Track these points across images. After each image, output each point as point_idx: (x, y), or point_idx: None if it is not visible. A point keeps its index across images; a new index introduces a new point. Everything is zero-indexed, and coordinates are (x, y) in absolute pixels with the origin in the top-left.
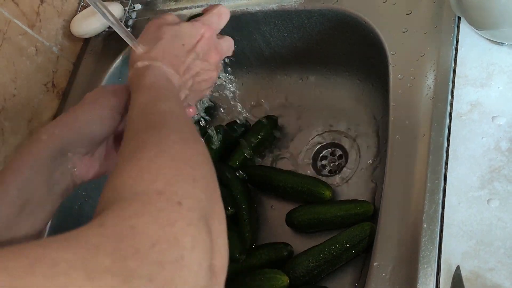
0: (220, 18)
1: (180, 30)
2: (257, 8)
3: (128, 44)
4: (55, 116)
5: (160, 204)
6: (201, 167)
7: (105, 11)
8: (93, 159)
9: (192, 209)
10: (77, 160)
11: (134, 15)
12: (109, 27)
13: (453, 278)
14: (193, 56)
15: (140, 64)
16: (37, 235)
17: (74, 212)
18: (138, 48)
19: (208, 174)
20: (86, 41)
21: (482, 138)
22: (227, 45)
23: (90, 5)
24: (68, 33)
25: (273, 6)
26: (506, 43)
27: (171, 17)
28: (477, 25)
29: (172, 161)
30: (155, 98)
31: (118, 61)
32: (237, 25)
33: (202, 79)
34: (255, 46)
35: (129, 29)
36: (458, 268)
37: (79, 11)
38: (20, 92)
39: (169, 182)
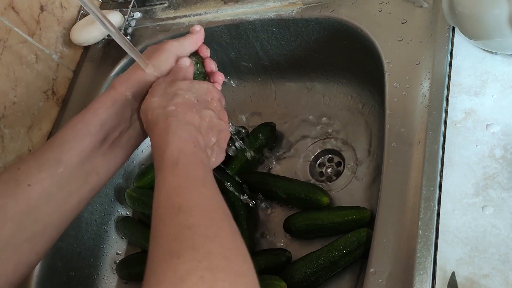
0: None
1: (194, 86)
2: (255, 17)
3: (126, 52)
4: (55, 124)
5: None
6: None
7: (109, 25)
8: (131, 134)
9: None
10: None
11: (133, 23)
12: (109, 35)
13: (449, 284)
14: (211, 113)
15: (153, 114)
16: (115, 170)
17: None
18: (146, 66)
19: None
20: (86, 49)
21: (476, 146)
22: None
23: (89, 14)
24: (68, 41)
25: (271, 14)
26: (500, 52)
27: (181, 73)
28: (470, 35)
29: None
30: (186, 182)
31: (117, 68)
32: (236, 33)
33: (223, 137)
34: (253, 53)
35: (128, 37)
36: (453, 274)
37: (79, 19)
38: (20, 100)
39: None
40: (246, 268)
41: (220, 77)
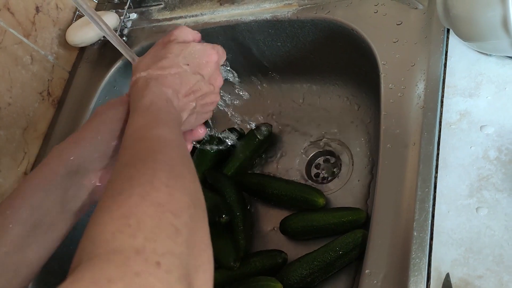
0: (223, 53)
1: (187, 50)
2: (251, 18)
3: (122, 54)
4: (50, 125)
5: (137, 266)
6: (186, 212)
7: (101, 23)
8: (108, 172)
9: (171, 270)
10: (93, 176)
11: (129, 24)
12: (104, 36)
13: (443, 285)
14: (198, 78)
15: (136, 77)
16: (48, 256)
17: None
18: (134, 60)
19: (194, 218)
20: (82, 50)
21: (471, 147)
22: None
23: (85, 15)
24: (63, 42)
25: (267, 16)
26: (494, 54)
27: (183, 33)
28: (464, 37)
29: (155, 208)
30: (152, 122)
31: (113, 70)
32: (232, 34)
33: (206, 102)
34: (249, 54)
35: (124, 38)
36: (447, 275)
37: (75, 20)
38: (15, 101)
39: (148, 237)
40: (187, 173)
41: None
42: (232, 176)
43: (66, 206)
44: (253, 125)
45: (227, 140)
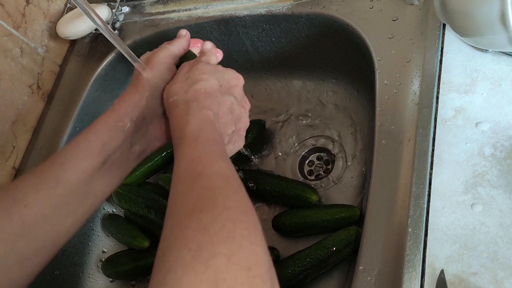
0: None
1: (218, 72)
2: (245, 13)
3: (114, 47)
4: (40, 119)
5: None
6: (269, 276)
7: (99, 21)
8: (163, 119)
9: None
10: (155, 124)
11: (121, 17)
12: (96, 29)
13: (437, 282)
14: (232, 99)
15: (174, 99)
16: (111, 190)
17: None
18: (142, 69)
19: (274, 280)
20: (73, 43)
21: (466, 144)
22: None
23: (76, 7)
24: (54, 35)
25: (261, 10)
26: (490, 50)
27: (209, 57)
28: (461, 32)
29: (244, 273)
30: (206, 155)
31: (104, 63)
32: (226, 29)
33: (241, 125)
34: (243, 50)
35: (116, 32)
36: (442, 272)
37: (66, 13)
38: (4, 94)
39: None
40: (259, 224)
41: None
42: None
43: (132, 148)
44: None
45: None
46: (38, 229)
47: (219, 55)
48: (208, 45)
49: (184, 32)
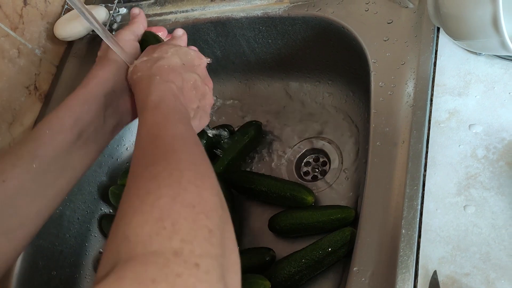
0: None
1: (181, 51)
2: (242, 14)
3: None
4: (37, 119)
5: (178, 268)
6: (216, 213)
7: (95, 23)
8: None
9: (209, 271)
10: (126, 98)
11: (119, 19)
12: (93, 31)
13: (430, 283)
14: (195, 77)
15: (138, 75)
16: (90, 164)
17: (55, 216)
18: (131, 63)
19: (223, 219)
20: (70, 44)
21: (459, 146)
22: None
23: (74, 8)
24: (51, 36)
25: (258, 12)
26: (483, 53)
27: (173, 41)
28: (454, 35)
29: (188, 210)
30: (165, 120)
31: None
32: (223, 30)
33: (206, 102)
34: (240, 51)
35: (113, 33)
36: (435, 273)
37: (63, 14)
38: (1, 95)
39: (185, 239)
40: (210, 173)
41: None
42: (221, 174)
43: (106, 121)
44: (242, 123)
45: (216, 137)
46: (19, 201)
47: (194, 48)
48: (179, 32)
49: (137, 11)
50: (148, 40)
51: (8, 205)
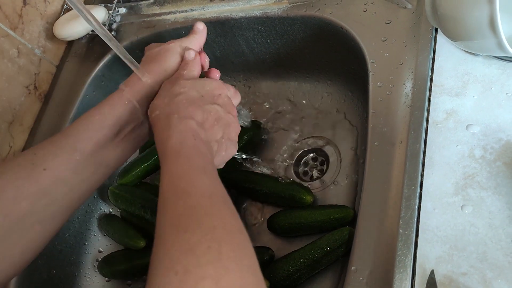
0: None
1: (199, 83)
2: (241, 15)
3: (111, 48)
4: (37, 119)
5: None
6: (257, 274)
7: (96, 24)
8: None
9: None
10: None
11: (118, 18)
12: (93, 31)
13: (428, 282)
14: (216, 108)
15: (156, 114)
16: (122, 163)
17: None
18: (142, 75)
19: (260, 279)
20: (69, 44)
21: (457, 146)
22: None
23: (73, 8)
24: (51, 36)
25: (257, 12)
26: (481, 54)
27: (190, 71)
28: (452, 36)
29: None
30: (189, 171)
31: (101, 64)
32: (222, 30)
33: (232, 131)
34: (239, 51)
35: (112, 33)
36: (432, 272)
37: (63, 14)
38: (1, 94)
39: None
40: (246, 241)
41: (216, 74)
42: (220, 173)
43: (143, 122)
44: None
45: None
46: (55, 191)
47: (206, 59)
48: (191, 54)
49: (201, 27)
50: None
51: (46, 194)
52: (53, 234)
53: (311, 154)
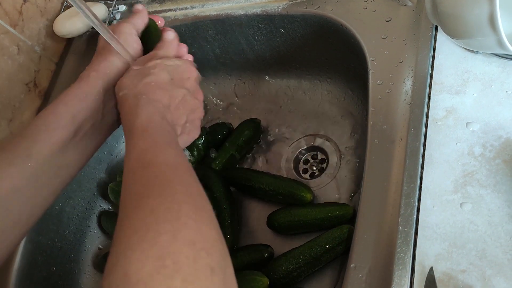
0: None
1: (170, 65)
2: (241, 12)
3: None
4: None
5: None
6: (217, 249)
7: (97, 21)
8: None
9: None
10: None
11: (118, 16)
12: (93, 28)
13: (427, 279)
14: (184, 92)
15: (124, 93)
16: (86, 161)
17: (54, 213)
18: (132, 60)
19: (223, 255)
20: (69, 41)
21: (456, 144)
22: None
23: (73, 5)
24: (51, 33)
25: (257, 10)
26: (481, 52)
27: (165, 50)
28: (452, 34)
29: (188, 247)
30: (154, 145)
31: None
32: (222, 28)
33: (195, 116)
34: (239, 49)
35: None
36: (431, 269)
37: (63, 11)
38: (1, 92)
39: (187, 278)
40: (206, 205)
41: (159, 21)
42: (219, 171)
43: (104, 118)
44: (241, 120)
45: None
46: (13, 202)
47: (184, 49)
48: (170, 35)
49: (140, 7)
50: (150, 32)
51: (1, 205)
52: (17, 242)
53: (311, 152)
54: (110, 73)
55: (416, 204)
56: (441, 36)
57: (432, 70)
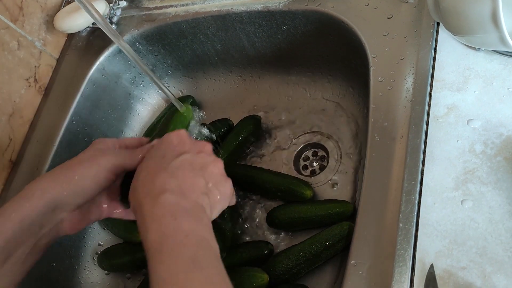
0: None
1: (153, 147)
2: (242, 9)
3: (112, 41)
4: (37, 112)
5: None
6: None
7: (98, 16)
8: (81, 213)
9: None
10: (66, 215)
11: (118, 12)
12: (93, 23)
13: (427, 276)
14: (185, 157)
15: (132, 205)
16: (16, 286)
17: None
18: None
19: None
20: (70, 36)
21: (457, 141)
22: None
23: (74, 1)
24: (51, 28)
25: (258, 6)
26: (482, 49)
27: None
28: (454, 30)
29: None
30: (174, 267)
31: (102, 57)
32: (223, 24)
33: (214, 169)
34: (240, 45)
35: (113, 26)
36: (432, 266)
37: (63, 6)
38: (1, 87)
39: None
40: None
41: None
42: None
43: (39, 241)
44: (242, 117)
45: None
46: None
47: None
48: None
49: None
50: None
51: None
52: None
53: (311, 149)
54: (57, 191)
55: (416, 201)
56: (443, 33)
57: (433, 67)
